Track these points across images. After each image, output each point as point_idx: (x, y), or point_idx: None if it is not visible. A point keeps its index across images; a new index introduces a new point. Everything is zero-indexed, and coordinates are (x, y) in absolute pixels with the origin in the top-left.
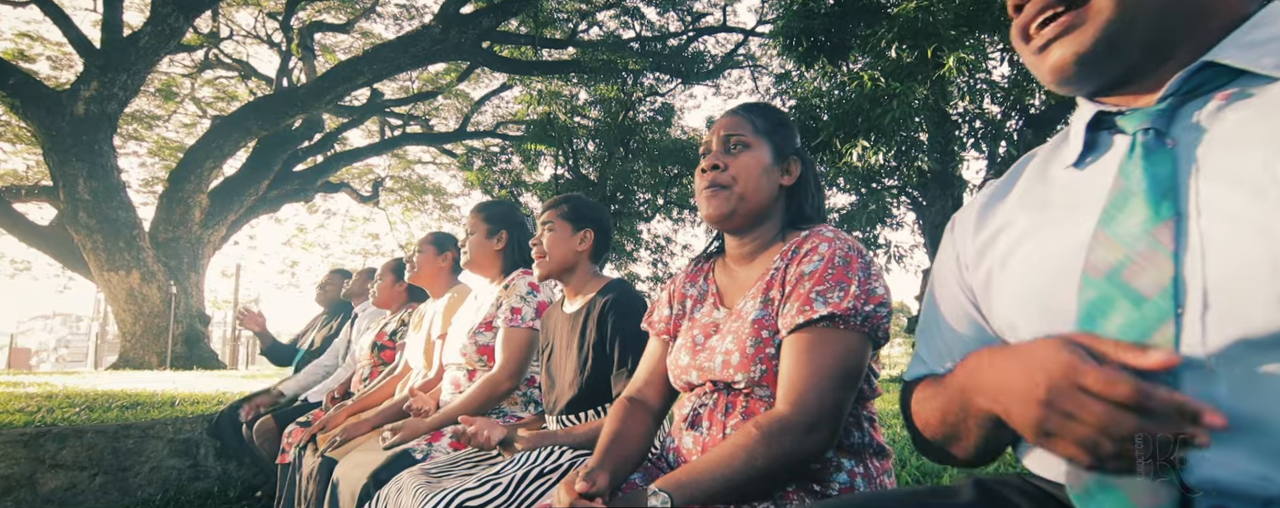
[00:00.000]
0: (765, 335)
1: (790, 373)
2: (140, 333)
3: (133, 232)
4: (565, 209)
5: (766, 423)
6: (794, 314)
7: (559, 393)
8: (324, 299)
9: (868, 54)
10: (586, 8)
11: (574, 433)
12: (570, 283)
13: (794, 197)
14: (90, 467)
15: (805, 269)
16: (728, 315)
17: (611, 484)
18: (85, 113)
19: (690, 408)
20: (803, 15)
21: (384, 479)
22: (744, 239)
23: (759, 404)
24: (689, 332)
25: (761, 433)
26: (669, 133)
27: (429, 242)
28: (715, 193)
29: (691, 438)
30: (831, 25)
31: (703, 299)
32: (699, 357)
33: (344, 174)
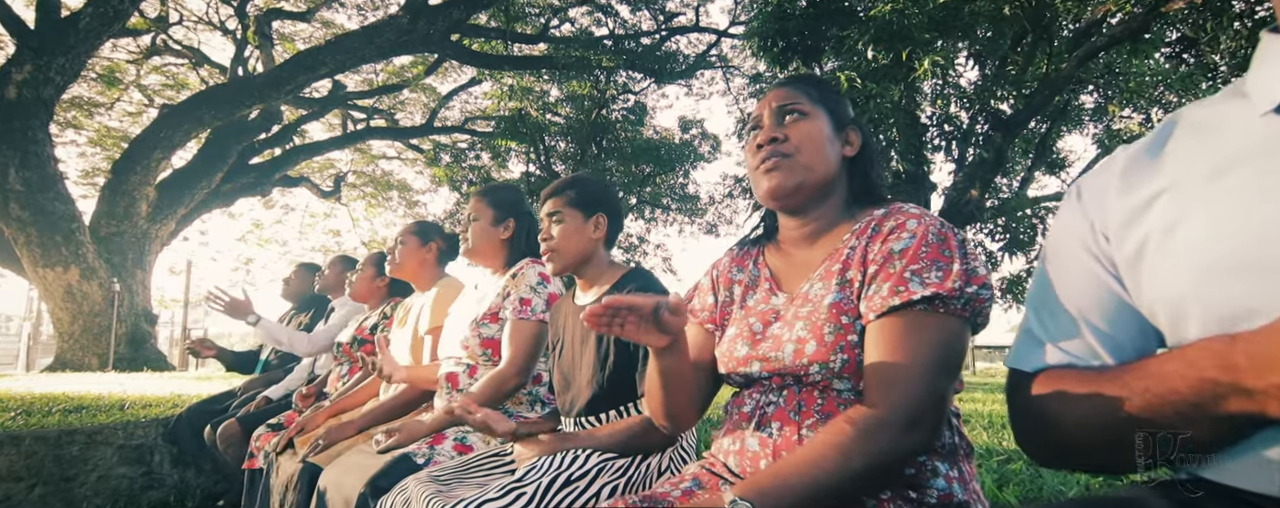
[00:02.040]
0: (845, 321)
1: (883, 362)
2: (79, 333)
3: (71, 225)
4: (572, 195)
5: (862, 419)
6: (886, 296)
7: (576, 392)
8: (291, 294)
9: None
10: (558, 3)
11: (597, 435)
12: (586, 273)
13: (857, 169)
14: (28, 477)
15: (894, 247)
16: (789, 301)
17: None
18: (17, 97)
19: (752, 406)
20: (777, 17)
21: (384, 487)
22: (805, 218)
23: (837, 400)
24: (744, 320)
25: (857, 430)
26: (641, 132)
27: (412, 232)
28: (777, 165)
29: (757, 440)
30: (805, 27)
31: (755, 285)
32: (761, 346)
33: (304, 168)
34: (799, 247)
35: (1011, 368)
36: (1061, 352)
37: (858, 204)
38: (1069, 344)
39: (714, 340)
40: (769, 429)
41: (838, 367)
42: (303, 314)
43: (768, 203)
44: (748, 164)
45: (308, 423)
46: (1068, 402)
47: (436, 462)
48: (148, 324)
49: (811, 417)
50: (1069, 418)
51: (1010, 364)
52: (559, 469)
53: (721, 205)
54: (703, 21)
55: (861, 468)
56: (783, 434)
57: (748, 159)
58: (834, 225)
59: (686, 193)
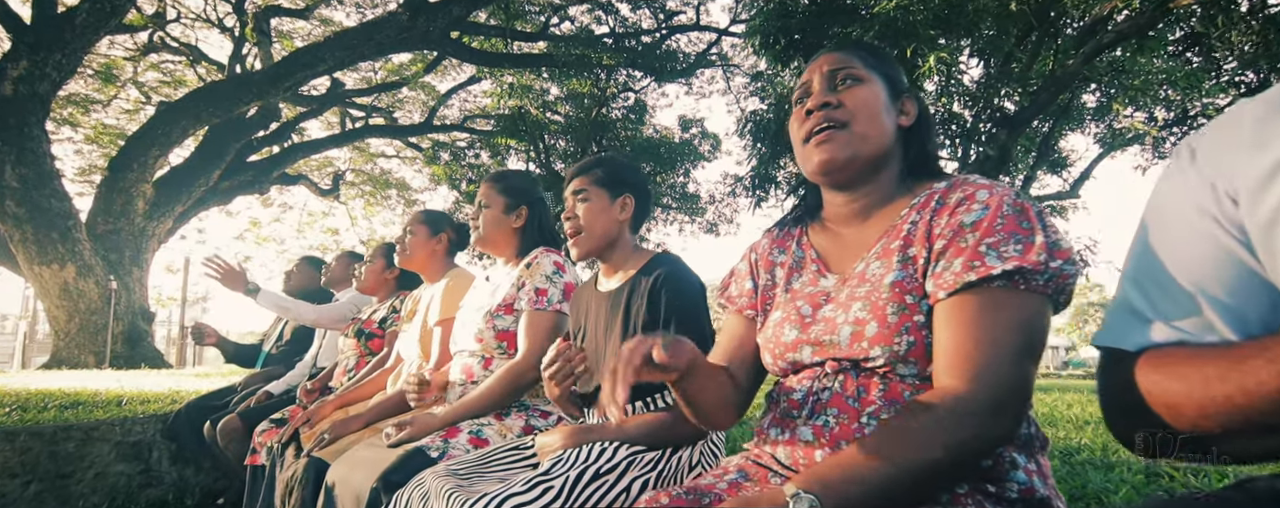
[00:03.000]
0: (909, 301)
1: (960, 344)
2: (75, 331)
3: (67, 222)
4: (599, 174)
5: (941, 405)
6: (959, 272)
7: (599, 383)
8: (293, 289)
9: None
10: (558, 1)
11: (625, 428)
12: (610, 258)
13: (913, 141)
14: (23, 474)
15: (965, 219)
16: (840, 282)
17: (690, 368)
18: (13, 93)
19: (802, 394)
20: (779, 14)
21: (397, 482)
22: (857, 193)
23: (901, 386)
24: (790, 303)
25: (936, 417)
26: (641, 131)
27: (420, 221)
28: (830, 135)
29: (811, 430)
30: (807, 24)
31: (800, 267)
32: (812, 330)
33: (302, 166)
34: (848, 224)
35: (1106, 348)
36: (1172, 329)
37: (913, 177)
38: (1183, 321)
39: (755, 328)
40: (824, 418)
41: (903, 350)
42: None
43: (816, 177)
44: (794, 135)
45: (314, 416)
46: (1189, 383)
47: (451, 455)
48: (145, 322)
49: (873, 404)
50: (1191, 402)
51: (1105, 343)
52: (587, 463)
53: (721, 205)
54: (703, 20)
55: (941, 458)
56: (840, 423)
57: (794, 130)
58: (888, 201)
59: (687, 192)
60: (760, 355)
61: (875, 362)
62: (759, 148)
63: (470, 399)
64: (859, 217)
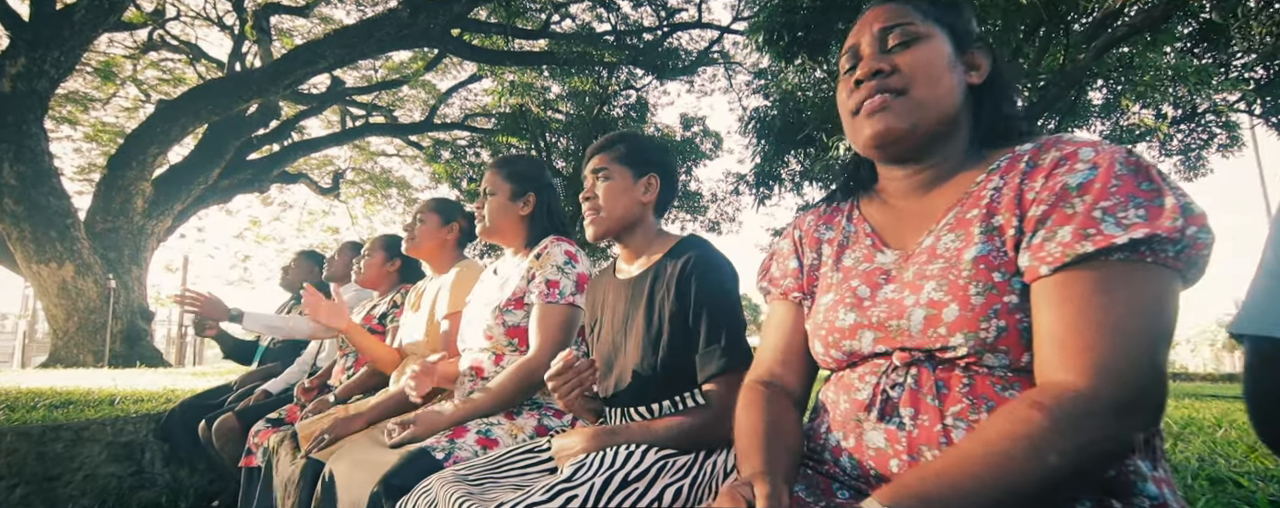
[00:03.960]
0: (998, 278)
1: (1075, 329)
2: (74, 330)
3: (66, 221)
4: (622, 150)
5: (1057, 402)
6: (1068, 242)
7: (620, 380)
8: (289, 284)
9: None
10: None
11: (652, 429)
12: (631, 242)
13: (986, 100)
14: (10, 476)
15: (1070, 181)
16: (903, 258)
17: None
18: (12, 91)
19: (868, 392)
20: (784, 10)
21: (399, 486)
22: (919, 166)
23: (990, 379)
24: (843, 283)
25: (1050, 417)
26: (643, 129)
27: (432, 209)
28: (884, 105)
29: (882, 434)
30: (812, 20)
31: (851, 242)
32: (872, 311)
33: (302, 165)
34: (907, 197)
35: (1259, 337)
36: None
37: (986, 144)
38: None
39: (803, 313)
40: (898, 419)
41: (992, 337)
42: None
43: (869, 152)
44: (842, 107)
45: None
46: None
47: (458, 457)
48: (144, 321)
49: (959, 402)
50: None
51: (1259, 332)
52: (613, 468)
53: (723, 203)
54: (705, 17)
55: (1059, 468)
56: (919, 425)
57: (841, 101)
58: (958, 170)
59: (688, 190)
60: (809, 345)
61: (956, 351)
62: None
63: (479, 398)
64: (922, 188)
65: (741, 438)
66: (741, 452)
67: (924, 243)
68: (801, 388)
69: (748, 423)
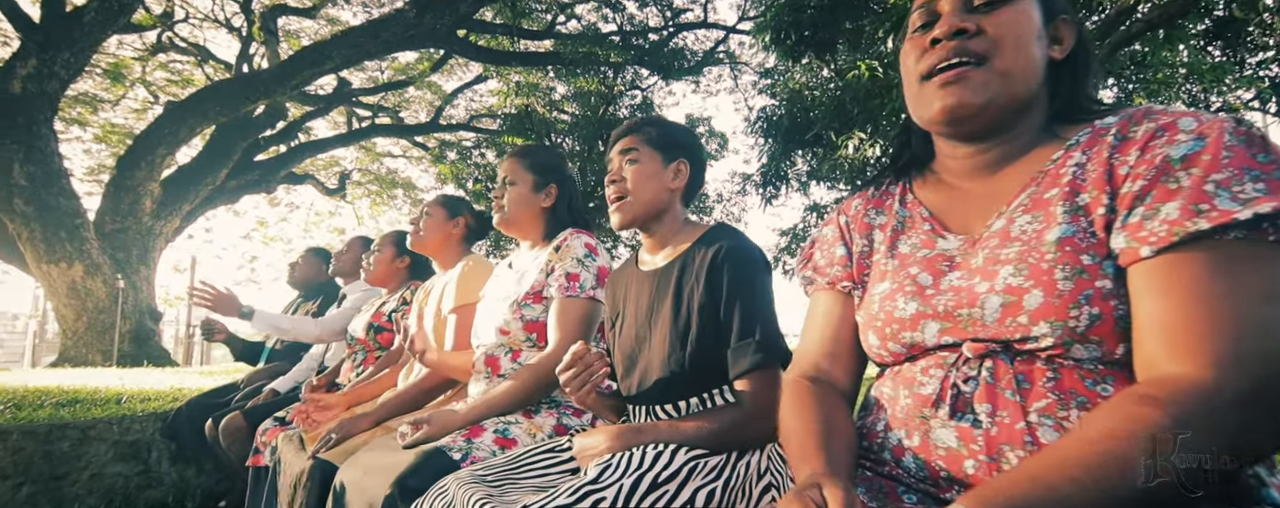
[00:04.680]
0: (1087, 262)
1: (1190, 315)
2: (83, 330)
3: (75, 221)
4: (652, 133)
5: (1171, 396)
6: (1177, 219)
7: (644, 376)
8: (298, 281)
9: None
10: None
11: (681, 428)
12: (657, 231)
13: (1064, 77)
14: (15, 474)
15: (1173, 153)
16: (969, 243)
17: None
18: (22, 92)
19: (935, 386)
20: (792, 8)
21: (415, 487)
22: (987, 143)
23: (1078, 373)
24: (900, 271)
25: (1167, 413)
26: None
27: (438, 203)
28: (963, 75)
29: (954, 433)
30: (820, 19)
31: (906, 227)
32: (937, 301)
33: (308, 165)
34: (971, 178)
35: None
36: None
37: (1059, 120)
38: None
39: (851, 304)
40: (972, 416)
41: (1083, 326)
42: (310, 302)
43: (935, 126)
44: (907, 71)
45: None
46: None
47: (475, 457)
48: (152, 321)
49: (1043, 397)
50: None
51: None
52: (641, 469)
53: (729, 203)
54: (710, 18)
55: (1179, 468)
56: (998, 422)
57: (907, 65)
58: (1030, 148)
59: None
60: (860, 338)
61: (1042, 342)
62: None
63: (495, 395)
64: (989, 168)
65: (792, 439)
66: (795, 454)
67: (994, 226)
68: (851, 384)
69: (799, 422)
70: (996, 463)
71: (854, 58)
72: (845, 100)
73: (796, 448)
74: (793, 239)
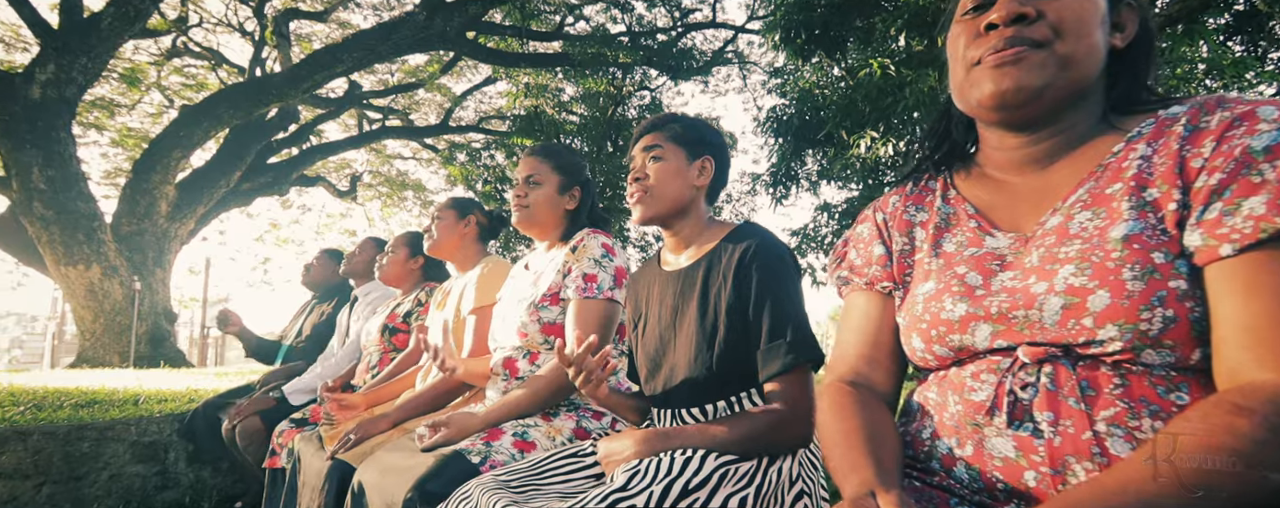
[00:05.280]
0: (1159, 260)
1: (1277, 318)
2: (101, 331)
3: (93, 224)
4: (677, 129)
5: (1265, 405)
6: (1263, 215)
7: (669, 379)
8: (312, 282)
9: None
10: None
11: (711, 433)
12: (680, 230)
13: (1125, 66)
14: (36, 475)
15: (1254, 144)
16: (1020, 241)
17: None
18: (41, 97)
19: (987, 392)
20: (801, 7)
21: (435, 492)
22: (1039, 133)
23: (1148, 380)
24: (946, 270)
25: (1264, 424)
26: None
27: (448, 206)
28: (1021, 55)
29: (1011, 442)
30: (830, 18)
31: (950, 224)
32: (989, 302)
33: (320, 168)
34: (1021, 170)
35: None
36: None
37: (1116, 111)
38: None
39: (891, 305)
40: (1032, 425)
41: (1156, 329)
42: (325, 303)
43: (984, 113)
44: (955, 55)
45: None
46: None
47: (494, 461)
48: (168, 322)
49: (1111, 406)
50: None
51: None
52: (671, 476)
53: (738, 203)
54: (719, 17)
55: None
56: (1061, 432)
57: (955, 48)
58: (1087, 139)
59: None
60: (902, 340)
61: (1105, 347)
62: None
63: (514, 398)
64: (1039, 161)
65: (835, 447)
66: (840, 463)
67: (1048, 223)
68: (892, 388)
69: (841, 429)
70: (1061, 476)
71: (865, 56)
72: (857, 99)
73: (841, 457)
74: (803, 239)
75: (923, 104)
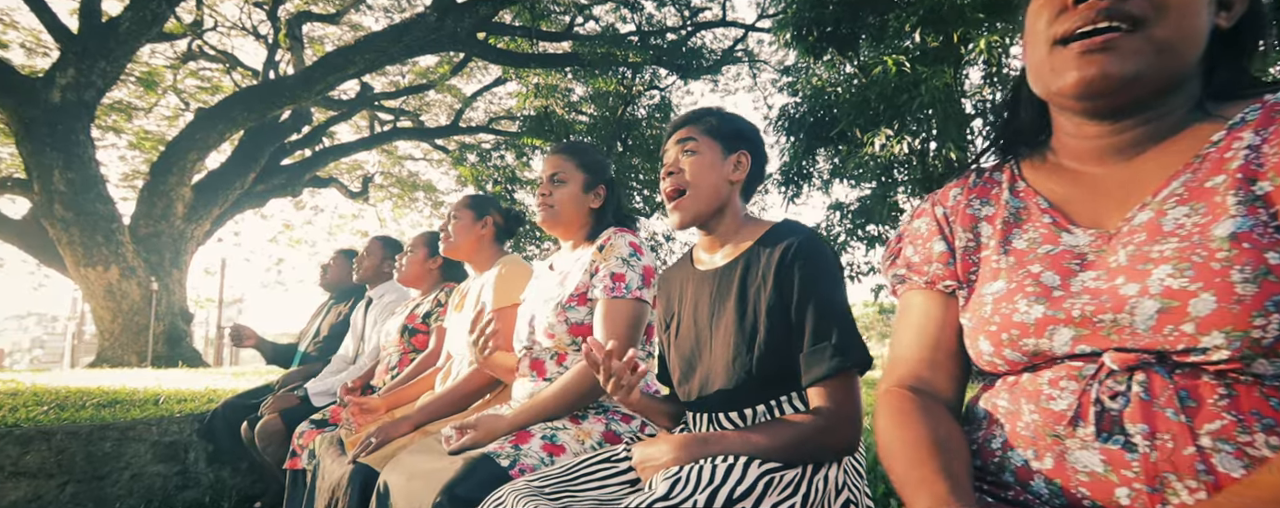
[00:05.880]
0: (1274, 260)
1: None
2: (119, 331)
3: (112, 225)
4: (712, 122)
5: None
6: None
7: (705, 382)
8: (329, 283)
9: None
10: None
11: (753, 440)
12: (716, 228)
13: (1228, 50)
14: (59, 474)
15: None
16: (1101, 238)
17: None
18: (61, 100)
19: (1069, 400)
20: (813, 4)
21: (465, 497)
22: (1129, 121)
23: (1257, 391)
24: (1018, 269)
25: None
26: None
27: (465, 206)
28: (1113, 41)
29: (1097, 456)
30: (843, 14)
31: (1020, 219)
32: (1070, 303)
33: (332, 169)
34: (1102, 161)
35: None
36: None
37: (1215, 97)
38: None
39: (953, 305)
40: (1123, 438)
41: (1270, 337)
42: (342, 304)
43: (1066, 100)
44: (1034, 34)
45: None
46: None
47: (523, 464)
48: (184, 323)
49: (1217, 419)
50: None
51: None
52: (714, 484)
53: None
54: (729, 16)
55: None
56: (1159, 446)
57: (1035, 27)
58: (1181, 127)
59: None
60: (966, 343)
61: (1209, 355)
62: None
63: (542, 400)
64: (1127, 150)
65: (899, 458)
66: (907, 475)
67: (1137, 218)
68: (955, 393)
69: (905, 438)
70: (1159, 494)
71: (878, 53)
72: (870, 96)
73: (908, 469)
74: None
75: (938, 101)
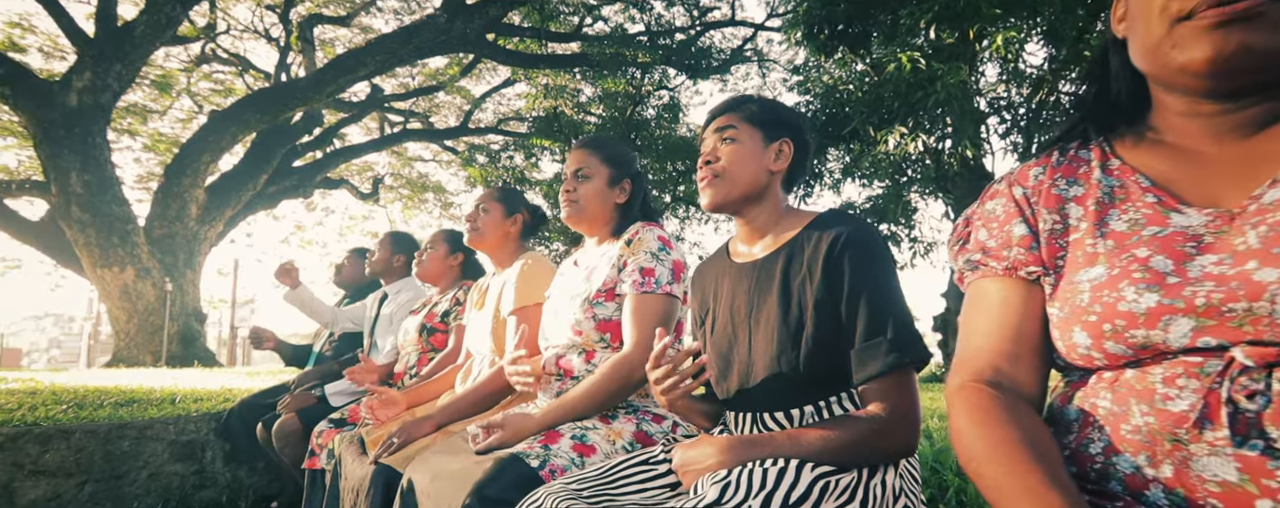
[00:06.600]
0: None
1: None
2: (134, 332)
3: (127, 227)
4: (753, 109)
5: None
6: None
7: (743, 379)
8: (344, 282)
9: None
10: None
11: (803, 442)
12: (755, 218)
13: None
14: (78, 473)
15: None
16: (1221, 219)
17: None
18: (78, 103)
19: (1190, 400)
20: (825, 2)
21: (495, 498)
22: (1253, 99)
23: None
24: (1119, 253)
25: None
26: (676, 130)
27: (495, 199)
28: (1256, 11)
29: (1230, 464)
30: (854, 12)
31: (1117, 199)
32: (1190, 291)
33: (343, 171)
34: (1218, 139)
35: None
36: None
37: None
38: None
39: (1037, 294)
40: (1263, 443)
41: None
42: (356, 303)
43: (1191, 78)
44: (1148, 12)
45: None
46: None
47: (553, 465)
48: (198, 323)
49: None
50: None
51: None
52: (767, 489)
53: None
54: (738, 15)
55: None
56: None
57: (1150, 5)
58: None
59: None
60: (1053, 336)
61: None
62: None
63: (571, 398)
64: (1246, 127)
65: (991, 462)
66: (1004, 483)
67: (1266, 197)
68: (1039, 391)
69: (992, 439)
70: None
71: (890, 50)
72: (883, 94)
73: (1005, 475)
74: None
75: (953, 98)
